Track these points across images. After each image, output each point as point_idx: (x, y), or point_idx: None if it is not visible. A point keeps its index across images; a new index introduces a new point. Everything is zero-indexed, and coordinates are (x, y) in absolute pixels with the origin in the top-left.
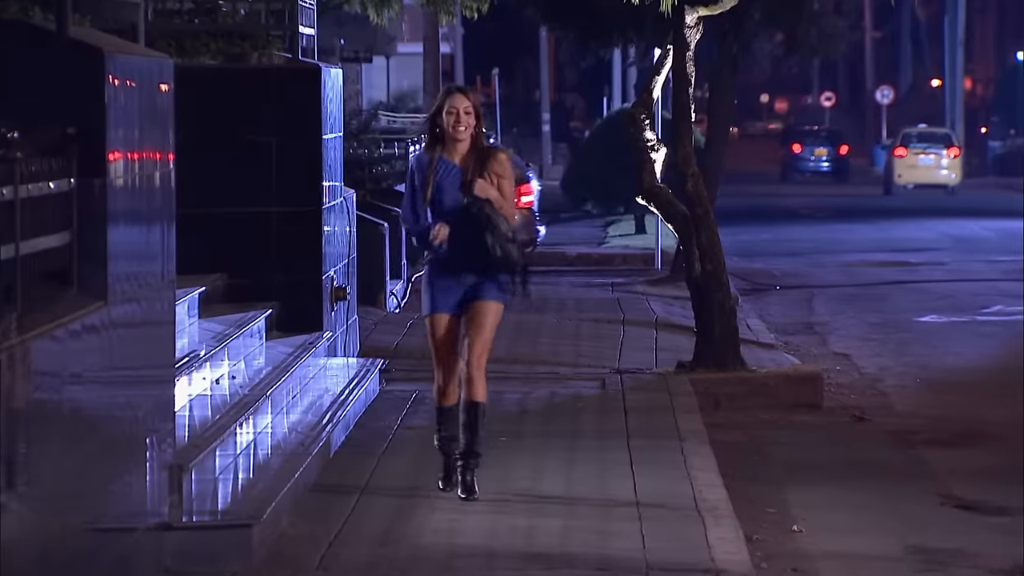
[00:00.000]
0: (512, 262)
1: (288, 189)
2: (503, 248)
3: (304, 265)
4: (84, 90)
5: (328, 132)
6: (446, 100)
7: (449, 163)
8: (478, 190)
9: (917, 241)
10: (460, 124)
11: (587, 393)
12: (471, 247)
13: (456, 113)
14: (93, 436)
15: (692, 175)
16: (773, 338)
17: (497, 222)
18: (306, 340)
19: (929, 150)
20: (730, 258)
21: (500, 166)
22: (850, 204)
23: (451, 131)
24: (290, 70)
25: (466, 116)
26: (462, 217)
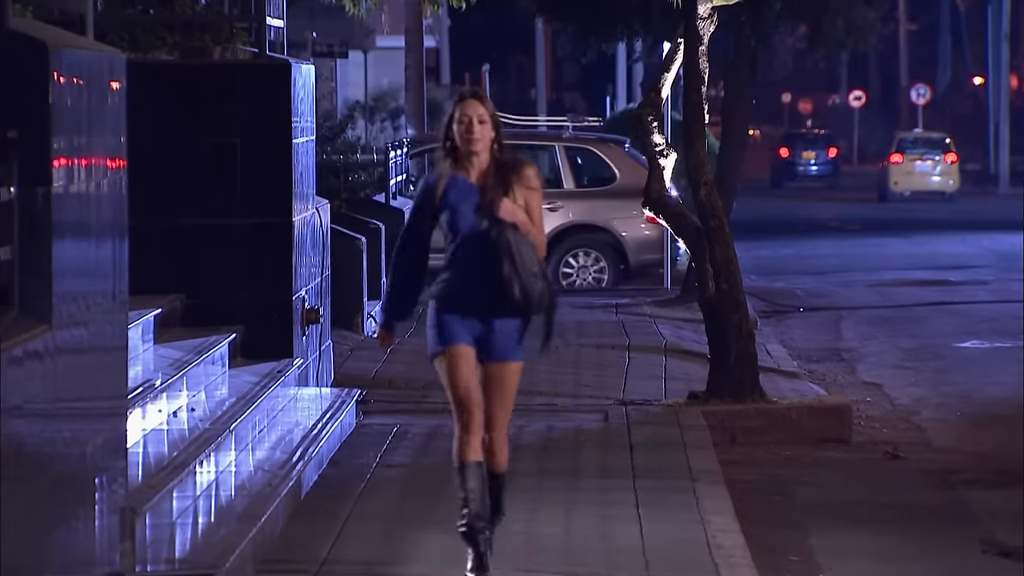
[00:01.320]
0: (534, 303)
1: (254, 199)
2: (524, 284)
3: (272, 284)
4: (26, 89)
5: (299, 135)
6: (456, 107)
7: (465, 181)
8: (503, 212)
9: (957, 257)
10: (473, 135)
11: (588, 427)
12: (491, 283)
13: (468, 122)
14: (35, 476)
15: (705, 183)
16: (796, 366)
17: (520, 251)
18: (274, 368)
19: (926, 156)
20: (747, 276)
21: (527, 183)
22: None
23: (463, 144)
24: (256, 66)
25: (480, 126)
26: (482, 246)
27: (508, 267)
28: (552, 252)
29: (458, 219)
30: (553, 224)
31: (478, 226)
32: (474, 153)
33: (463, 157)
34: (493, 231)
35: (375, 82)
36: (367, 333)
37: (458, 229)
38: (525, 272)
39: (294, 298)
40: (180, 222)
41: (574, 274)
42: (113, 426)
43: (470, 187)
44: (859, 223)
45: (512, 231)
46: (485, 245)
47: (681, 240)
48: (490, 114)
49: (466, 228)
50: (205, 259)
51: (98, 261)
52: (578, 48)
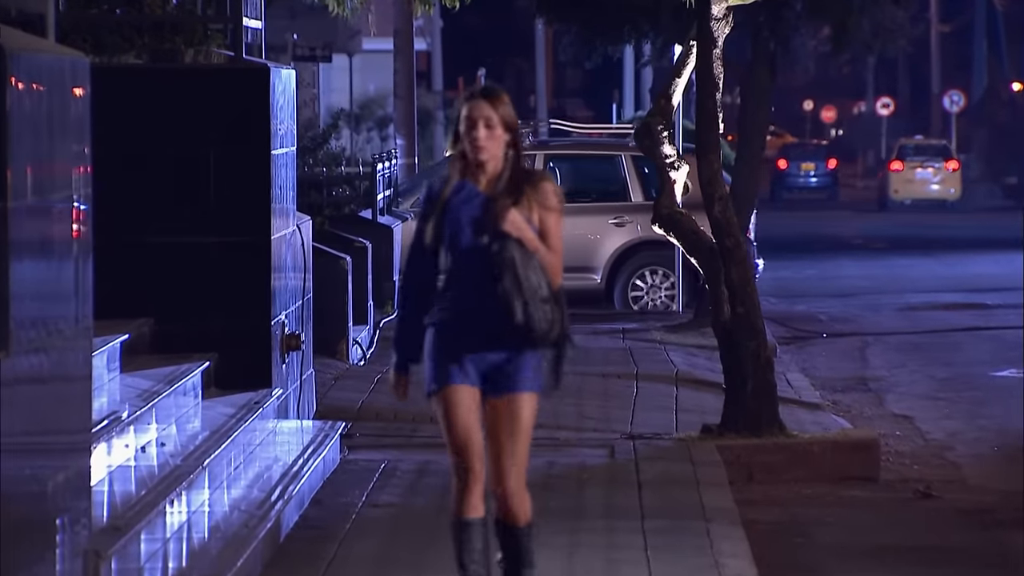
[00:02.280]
0: (538, 329)
1: (230, 215)
2: (527, 306)
3: (249, 308)
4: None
5: (278, 146)
6: (464, 109)
7: (473, 189)
8: (508, 225)
9: (992, 278)
10: (478, 141)
11: (593, 463)
12: (493, 306)
13: (472, 125)
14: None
15: (720, 198)
16: (819, 396)
17: (525, 270)
18: (251, 399)
19: (927, 163)
20: (766, 299)
21: (545, 201)
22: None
23: (468, 151)
24: (232, 71)
25: (487, 131)
26: (483, 263)
27: (509, 283)
28: (620, 271)
29: (459, 230)
30: (620, 241)
31: (479, 239)
32: (480, 163)
33: (471, 164)
34: (495, 245)
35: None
36: (352, 361)
37: (458, 242)
38: (530, 293)
39: (273, 323)
40: (149, 240)
41: (644, 295)
42: (76, 463)
43: (477, 195)
44: (885, 241)
45: (518, 248)
46: (486, 262)
47: (694, 259)
48: (502, 118)
49: (466, 241)
50: (176, 280)
51: (60, 282)
52: (582, 51)
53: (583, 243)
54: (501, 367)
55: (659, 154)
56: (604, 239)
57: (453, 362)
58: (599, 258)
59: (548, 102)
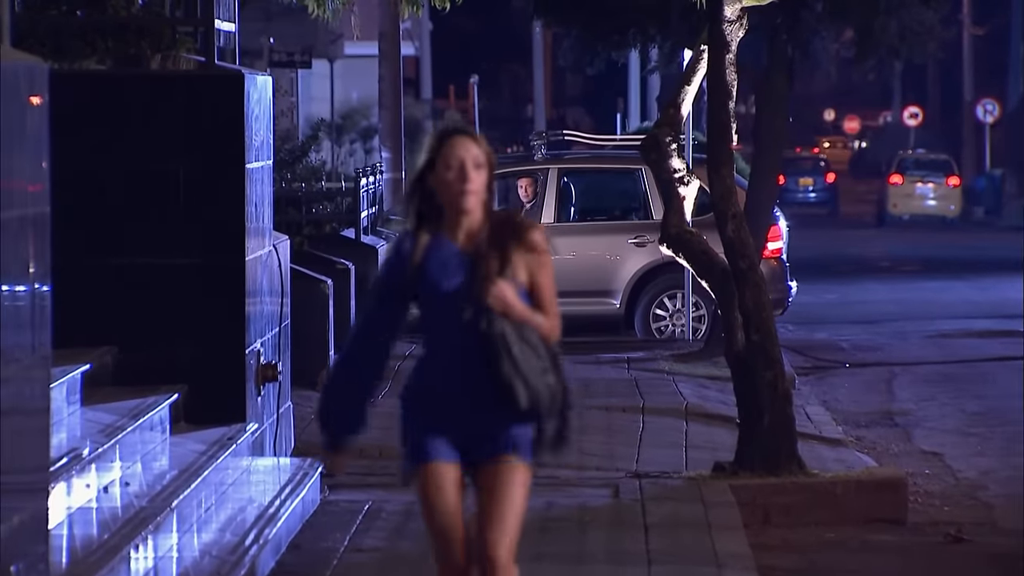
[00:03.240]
0: (544, 407)
1: (200, 234)
2: (531, 387)
3: (221, 335)
4: None
5: (253, 159)
6: (443, 148)
7: (450, 247)
8: (492, 300)
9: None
10: (469, 186)
11: (595, 503)
12: (482, 386)
13: (460, 167)
14: None
15: (734, 216)
16: (841, 432)
17: (521, 345)
18: (223, 434)
19: (927, 178)
20: (784, 326)
21: (533, 250)
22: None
23: (453, 197)
24: (203, 78)
25: (476, 172)
26: (468, 339)
27: (507, 368)
28: (642, 295)
29: (438, 300)
30: (641, 262)
31: (462, 312)
32: (466, 211)
33: (449, 215)
34: (483, 322)
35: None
36: None
37: (437, 313)
38: (530, 370)
39: (247, 352)
40: (113, 262)
41: (667, 320)
42: (33, 504)
43: (456, 256)
44: (916, 263)
45: (508, 325)
46: (472, 338)
47: (705, 283)
48: (487, 158)
49: (447, 313)
50: (142, 306)
51: (15, 308)
52: (583, 56)
53: (600, 265)
54: (490, 431)
55: (667, 168)
56: (623, 260)
57: (432, 438)
58: (618, 281)
59: (547, 111)
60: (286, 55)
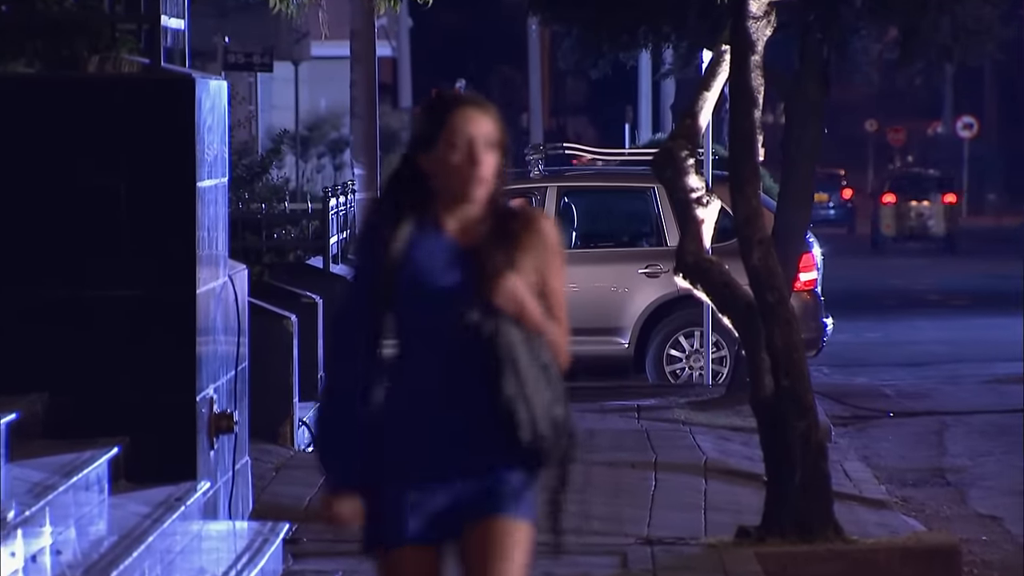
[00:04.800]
0: (549, 444)
1: (144, 263)
2: (538, 424)
3: (168, 380)
4: None
5: (206, 177)
6: (448, 122)
7: (442, 238)
8: (503, 299)
9: None
10: (479, 170)
11: (600, 573)
12: (472, 411)
13: (471, 146)
14: None
15: (760, 242)
16: (884, 491)
17: (529, 365)
18: (171, 494)
19: (921, 197)
20: (818, 368)
21: (544, 246)
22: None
23: (459, 183)
24: (147, 82)
25: (488, 154)
26: (457, 352)
27: (512, 388)
28: (654, 333)
29: (424, 301)
30: (653, 295)
31: (457, 318)
32: (472, 199)
33: (443, 202)
34: (488, 326)
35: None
36: (298, 446)
37: (421, 317)
38: (538, 396)
39: (198, 399)
40: (43, 294)
41: (683, 362)
42: None
43: (449, 248)
44: (967, 296)
45: (518, 329)
46: (465, 351)
47: (727, 319)
48: (499, 134)
49: (436, 318)
50: (77, 346)
51: None
52: (586, 58)
53: (606, 299)
54: (480, 478)
55: (683, 187)
56: (633, 293)
57: (400, 493)
58: (627, 317)
59: (544, 121)
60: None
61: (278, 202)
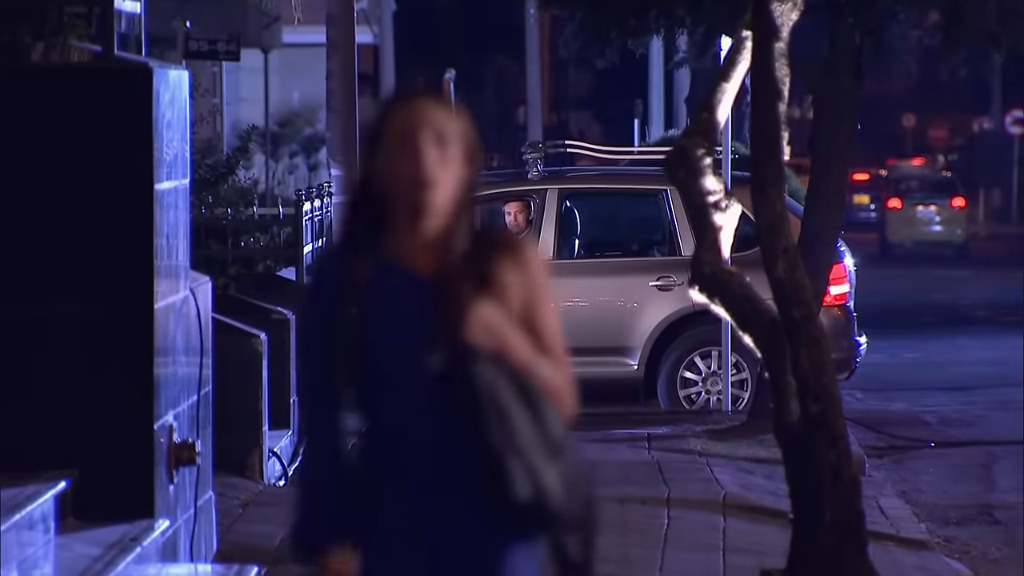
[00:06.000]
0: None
1: (94, 276)
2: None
3: (122, 406)
4: None
5: (165, 178)
6: (391, 117)
7: (403, 272)
8: (477, 330)
9: None
10: (424, 172)
11: None
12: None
13: (413, 145)
14: None
15: (785, 251)
16: (925, 530)
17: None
18: (125, 533)
19: (929, 201)
20: (851, 393)
21: (525, 270)
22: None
23: (403, 193)
24: (99, 73)
25: (439, 149)
26: (434, 403)
27: (500, 438)
28: (666, 353)
29: (388, 353)
30: (666, 311)
31: (427, 364)
32: (423, 212)
33: (400, 227)
34: (460, 371)
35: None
36: (268, 479)
37: (387, 374)
38: (533, 447)
39: (156, 427)
40: None
41: (699, 386)
42: None
43: (413, 285)
44: (1018, 312)
45: (499, 369)
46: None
47: (747, 337)
48: (459, 133)
49: (404, 372)
50: (18, 368)
51: None
52: (590, 46)
53: (613, 315)
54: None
55: (699, 190)
56: (643, 308)
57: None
58: (636, 336)
59: (544, 116)
60: (207, 44)
61: (246, 206)
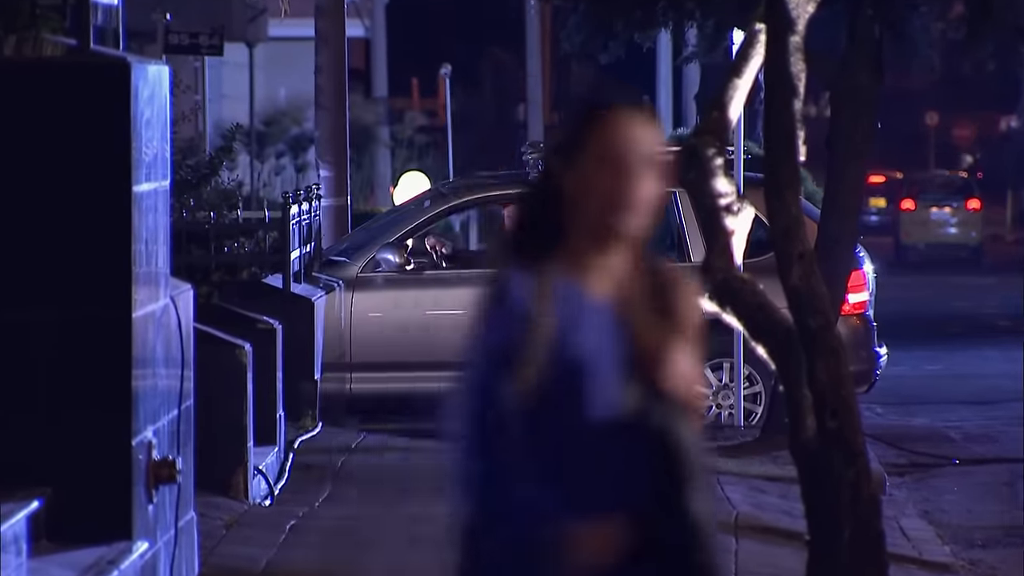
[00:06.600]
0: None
1: (69, 281)
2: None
3: (98, 421)
4: None
5: (144, 179)
6: (597, 131)
7: (583, 295)
8: (672, 383)
9: None
10: (635, 194)
11: None
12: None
13: (626, 166)
14: None
15: (801, 257)
16: (948, 553)
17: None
18: (102, 556)
19: (944, 202)
20: (870, 407)
21: (690, 311)
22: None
23: (609, 215)
24: (74, 68)
25: (648, 175)
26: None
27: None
28: None
29: (569, 382)
30: None
31: (611, 403)
32: (615, 237)
33: (582, 244)
34: (655, 417)
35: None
36: (254, 498)
37: (562, 404)
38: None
39: (134, 443)
40: None
41: (710, 400)
42: None
43: (598, 311)
44: None
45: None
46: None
47: (761, 347)
48: (660, 155)
49: (575, 402)
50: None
51: None
52: (594, 40)
53: None
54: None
55: (710, 192)
56: None
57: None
58: None
59: (545, 114)
60: (188, 38)
61: (229, 210)
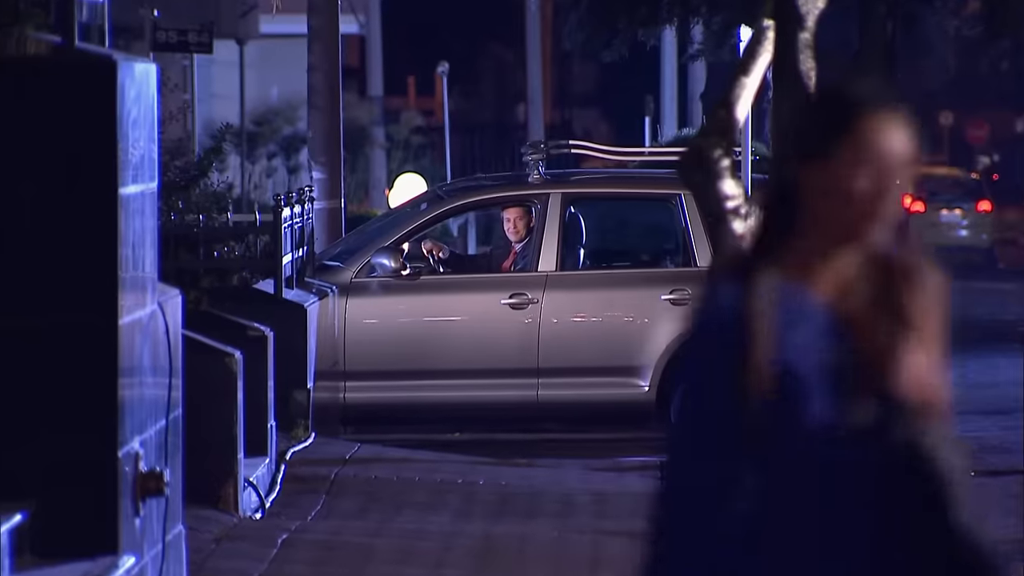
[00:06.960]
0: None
1: (53, 287)
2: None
3: (83, 432)
4: None
5: (130, 181)
6: (855, 132)
7: (806, 297)
8: (908, 385)
9: None
10: (885, 202)
11: None
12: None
13: (882, 172)
14: None
15: None
16: None
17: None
18: (87, 571)
19: (954, 204)
20: None
21: (928, 304)
22: None
23: (853, 222)
24: (58, 66)
25: (903, 183)
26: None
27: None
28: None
29: (792, 389)
30: (680, 328)
31: (855, 414)
32: (863, 241)
33: (813, 246)
34: (898, 429)
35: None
36: (245, 512)
37: (784, 413)
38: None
39: (120, 454)
40: None
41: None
42: None
43: (820, 314)
44: None
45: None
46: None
47: None
48: (913, 159)
49: (803, 415)
50: None
51: None
52: (597, 38)
53: (622, 332)
54: None
55: (716, 195)
56: (655, 324)
57: None
58: (647, 354)
59: (546, 114)
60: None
61: (219, 213)
